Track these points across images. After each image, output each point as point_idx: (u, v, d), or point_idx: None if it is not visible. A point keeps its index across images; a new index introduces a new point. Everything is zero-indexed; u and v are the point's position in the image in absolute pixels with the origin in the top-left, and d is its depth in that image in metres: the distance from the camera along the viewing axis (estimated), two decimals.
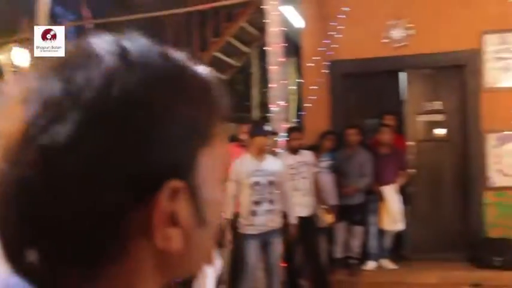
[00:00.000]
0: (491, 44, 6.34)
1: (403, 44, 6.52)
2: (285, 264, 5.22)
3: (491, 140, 6.33)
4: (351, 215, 6.15)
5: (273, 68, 5.51)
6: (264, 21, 5.68)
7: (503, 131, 6.26)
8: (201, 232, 0.54)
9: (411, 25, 6.49)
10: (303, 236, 5.24)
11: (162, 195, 0.49)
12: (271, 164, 4.70)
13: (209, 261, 0.58)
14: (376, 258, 6.30)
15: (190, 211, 0.52)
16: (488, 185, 6.34)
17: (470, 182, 6.45)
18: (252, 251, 4.64)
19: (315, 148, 5.88)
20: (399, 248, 6.61)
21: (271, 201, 4.65)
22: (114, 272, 0.49)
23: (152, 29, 6.41)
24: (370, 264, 6.29)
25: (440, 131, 6.70)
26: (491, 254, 6.03)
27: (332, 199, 5.92)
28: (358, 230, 6.23)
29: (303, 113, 7.04)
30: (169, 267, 0.53)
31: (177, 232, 0.50)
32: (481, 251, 6.12)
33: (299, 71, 7.12)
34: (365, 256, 6.31)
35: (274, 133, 4.97)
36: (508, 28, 6.20)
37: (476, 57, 6.36)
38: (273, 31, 5.53)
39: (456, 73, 6.55)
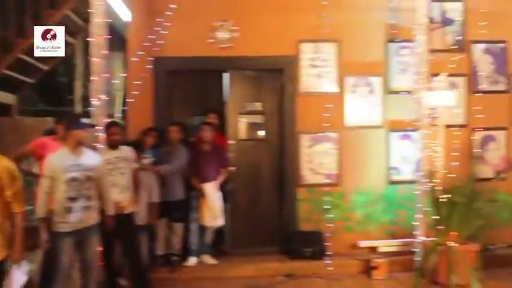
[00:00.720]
0: (307, 52, 6.84)
1: (227, 45, 6.73)
2: (103, 263, 5.07)
3: (304, 140, 6.83)
4: (171, 212, 6.18)
5: (96, 61, 5.33)
6: (89, 11, 5.45)
7: (315, 132, 6.80)
8: None
9: (236, 28, 6.73)
10: (122, 233, 5.13)
11: None
12: (89, 158, 4.52)
13: None
14: (197, 254, 6.42)
15: None
16: (301, 183, 6.83)
17: (286, 180, 6.89)
18: (66, 249, 4.40)
19: (137, 144, 5.78)
20: (219, 244, 6.83)
21: (88, 197, 4.46)
22: None
23: None
24: (192, 260, 6.38)
25: (260, 131, 7.03)
26: (302, 246, 6.53)
27: (154, 196, 5.88)
28: (179, 226, 6.29)
29: (126, 108, 6.89)
30: None
31: None
32: (294, 244, 6.59)
33: (126, 65, 6.95)
34: (186, 252, 6.40)
35: (91, 126, 4.78)
36: (321, 38, 6.73)
37: (293, 63, 6.82)
38: (97, 22, 5.35)
39: (276, 77, 6.94)
